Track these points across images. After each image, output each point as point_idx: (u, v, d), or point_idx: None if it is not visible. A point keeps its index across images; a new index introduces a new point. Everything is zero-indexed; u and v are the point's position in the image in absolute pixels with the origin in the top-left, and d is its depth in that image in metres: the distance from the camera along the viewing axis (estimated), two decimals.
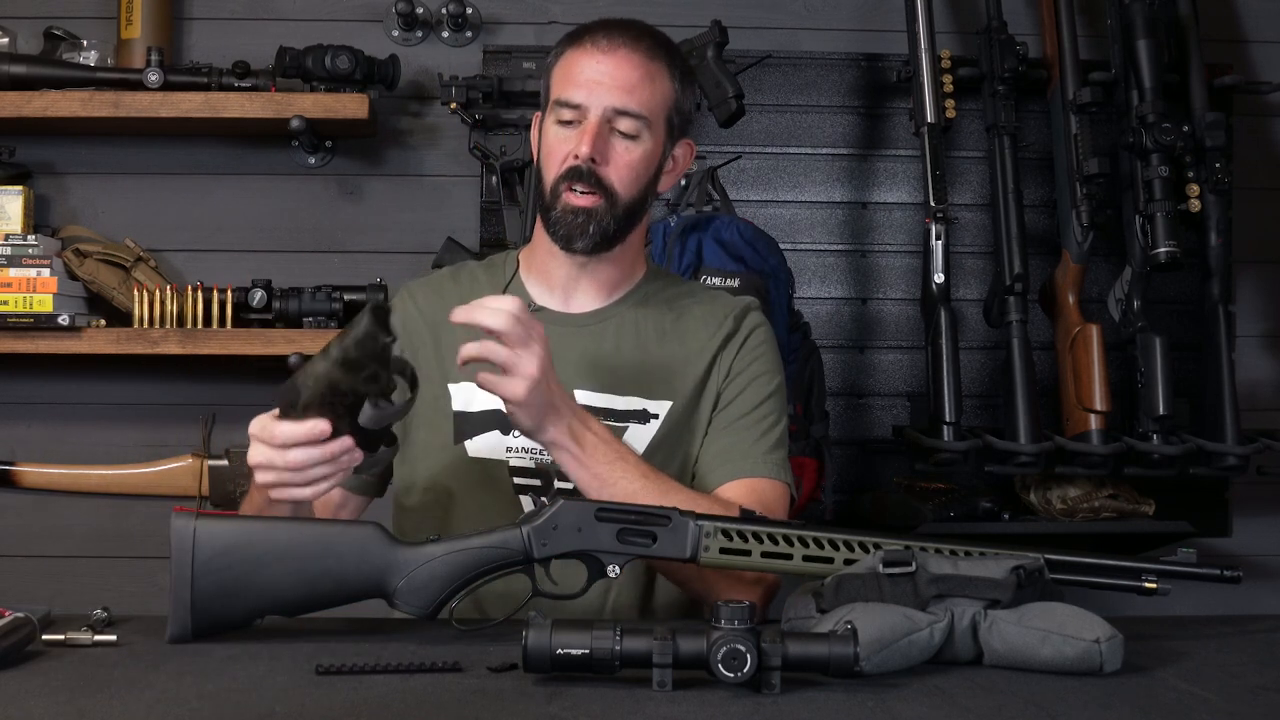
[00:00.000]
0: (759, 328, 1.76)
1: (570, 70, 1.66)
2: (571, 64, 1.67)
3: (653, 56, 1.68)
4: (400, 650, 1.28)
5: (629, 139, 1.65)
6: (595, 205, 1.64)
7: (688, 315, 1.73)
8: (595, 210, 1.64)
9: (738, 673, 1.12)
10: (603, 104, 1.63)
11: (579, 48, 1.68)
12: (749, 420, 1.68)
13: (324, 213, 2.72)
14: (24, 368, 2.63)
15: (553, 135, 1.67)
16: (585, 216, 1.64)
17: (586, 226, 1.64)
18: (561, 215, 1.65)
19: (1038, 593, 1.30)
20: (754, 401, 1.69)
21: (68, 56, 2.57)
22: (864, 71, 2.74)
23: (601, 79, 1.64)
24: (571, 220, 1.64)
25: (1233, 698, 1.18)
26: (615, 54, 1.65)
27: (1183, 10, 2.58)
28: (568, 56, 1.68)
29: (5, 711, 1.07)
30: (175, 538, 1.32)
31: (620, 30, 1.68)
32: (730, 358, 1.71)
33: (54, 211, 2.67)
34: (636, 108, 1.64)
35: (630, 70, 1.65)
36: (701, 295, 1.79)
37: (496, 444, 1.66)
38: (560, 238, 1.66)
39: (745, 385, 1.70)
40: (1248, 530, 2.74)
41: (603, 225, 1.65)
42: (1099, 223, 2.46)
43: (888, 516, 2.56)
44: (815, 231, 2.74)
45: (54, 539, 2.68)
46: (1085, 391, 2.43)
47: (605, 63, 1.65)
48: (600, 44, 1.66)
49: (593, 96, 1.63)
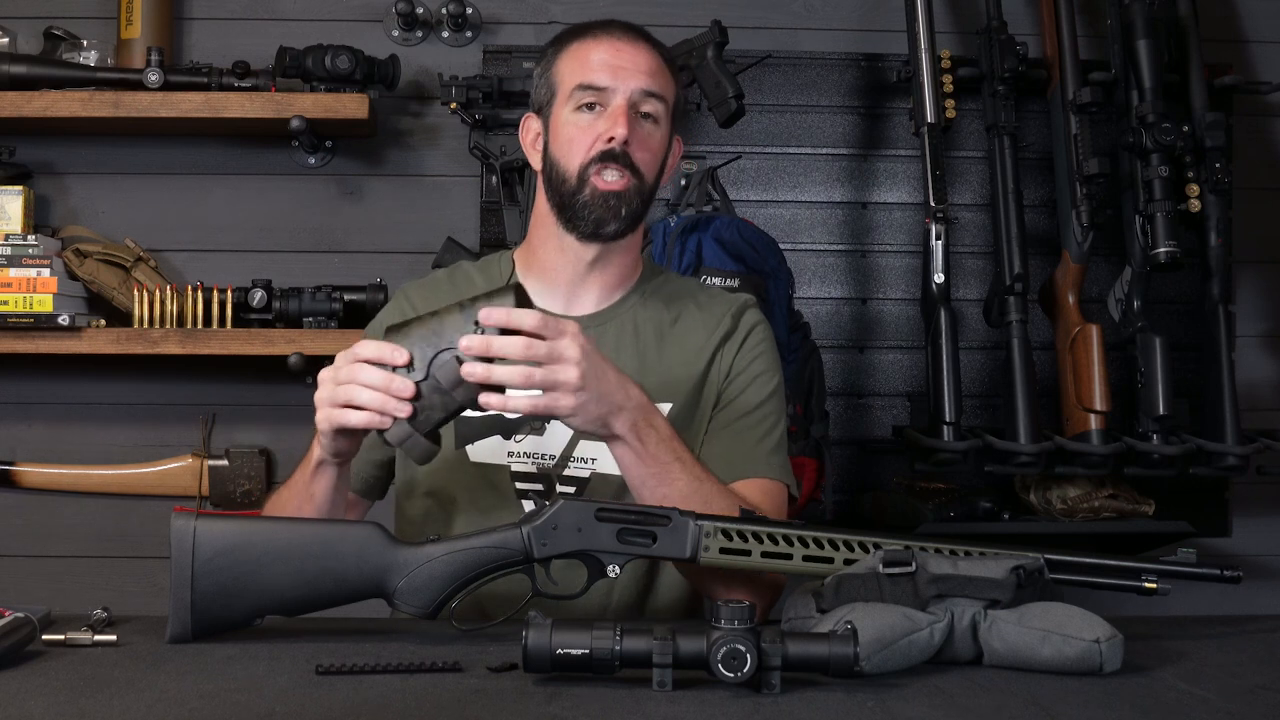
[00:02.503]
0: (758, 326, 1.75)
1: (587, 59, 1.66)
2: (587, 53, 1.67)
3: (659, 50, 1.71)
4: (400, 650, 1.28)
5: (652, 122, 1.66)
6: (626, 188, 1.64)
7: (685, 315, 1.73)
8: (626, 193, 1.64)
9: (738, 673, 1.12)
10: (630, 86, 1.64)
11: (589, 39, 1.68)
12: (750, 421, 1.68)
13: (324, 213, 2.72)
14: (24, 368, 2.63)
15: (573, 123, 1.66)
16: (617, 200, 1.63)
17: (619, 210, 1.64)
18: (591, 200, 1.64)
19: (1037, 593, 1.30)
20: (755, 401, 1.70)
21: (68, 56, 2.57)
22: (864, 71, 2.74)
23: (624, 63, 1.65)
24: (603, 204, 1.63)
25: (1232, 697, 1.18)
26: (630, 43, 1.67)
27: (1183, 10, 2.58)
28: (578, 49, 1.68)
29: (5, 711, 1.07)
30: (175, 538, 1.32)
31: (621, 24, 1.71)
32: (730, 357, 1.71)
33: (54, 211, 2.67)
34: (660, 90, 1.66)
35: (649, 57, 1.67)
36: (699, 294, 1.79)
37: (498, 448, 1.66)
38: (590, 222, 1.65)
39: (746, 385, 1.70)
40: (1247, 530, 2.74)
41: (632, 208, 1.65)
42: (1099, 223, 2.46)
43: (888, 516, 2.56)
44: (815, 231, 2.74)
45: (54, 539, 2.68)
46: (1085, 391, 2.43)
47: (625, 49, 1.66)
48: (614, 34, 1.68)
49: (618, 79, 1.64)
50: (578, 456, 1.66)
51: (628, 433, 1.45)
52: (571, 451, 1.66)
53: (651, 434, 1.48)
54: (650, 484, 1.48)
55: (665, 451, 1.48)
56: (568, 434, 1.66)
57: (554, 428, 1.65)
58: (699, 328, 1.72)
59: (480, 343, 1.35)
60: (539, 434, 1.66)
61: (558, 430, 1.65)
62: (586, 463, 1.66)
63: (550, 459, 1.66)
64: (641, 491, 1.49)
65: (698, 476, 1.51)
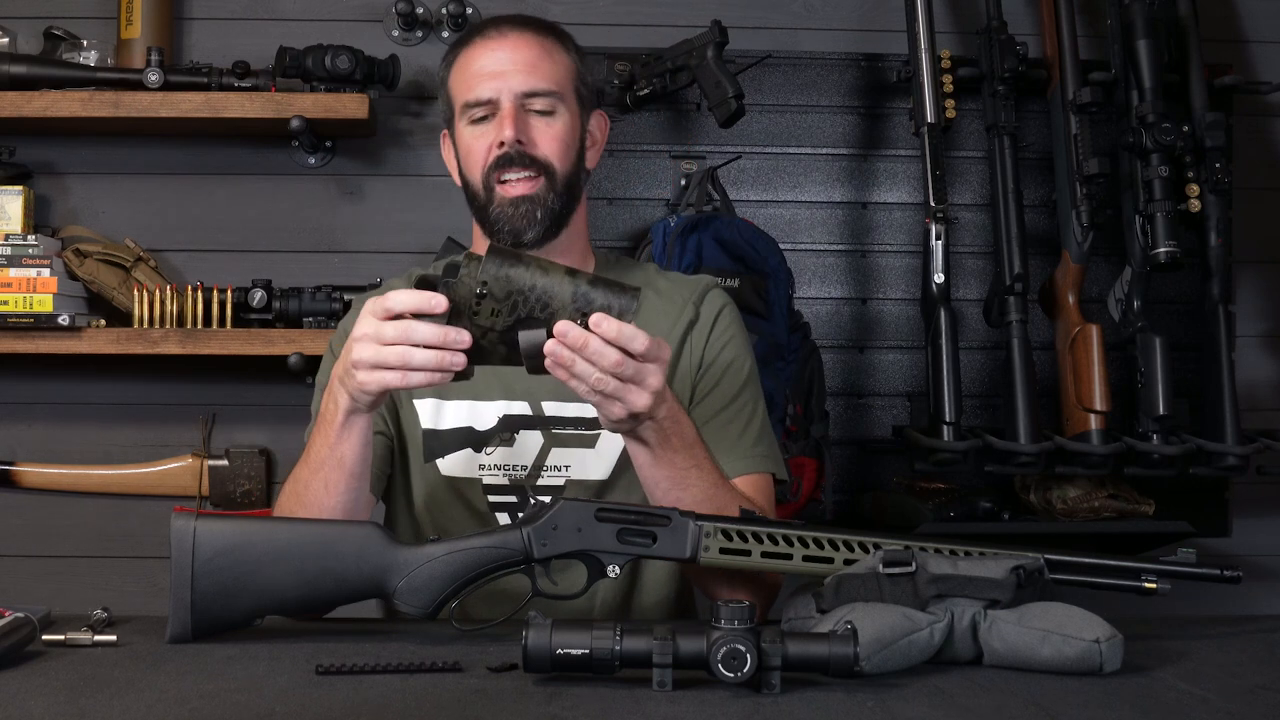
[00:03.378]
0: (724, 309, 1.72)
1: (467, 70, 1.65)
2: (467, 64, 1.65)
3: (542, 34, 1.67)
4: (400, 650, 1.28)
5: (546, 116, 1.63)
6: (536, 189, 1.61)
7: (646, 304, 1.65)
8: (537, 195, 1.61)
9: (738, 673, 1.12)
10: (512, 90, 1.62)
11: (469, 48, 1.66)
12: (729, 414, 1.66)
13: (324, 213, 2.72)
14: (24, 368, 2.63)
15: (468, 136, 1.64)
16: (529, 204, 1.61)
17: (534, 214, 1.61)
18: (501, 210, 1.61)
19: (1037, 593, 1.30)
20: (731, 393, 1.67)
21: (68, 56, 2.57)
22: (864, 71, 2.74)
23: (503, 67, 1.62)
24: (514, 212, 1.61)
25: (1232, 697, 1.18)
26: (507, 39, 1.64)
27: (1183, 10, 2.58)
28: (460, 60, 1.67)
29: (5, 711, 1.07)
30: (175, 538, 1.32)
31: (504, 20, 1.68)
32: (700, 348, 1.69)
33: (54, 211, 2.67)
34: (545, 85, 1.63)
35: (527, 50, 1.64)
36: (657, 280, 1.75)
37: (468, 462, 1.64)
38: (507, 234, 1.62)
39: (720, 376, 1.68)
40: (1247, 530, 2.74)
41: (549, 207, 1.62)
42: (1099, 223, 2.46)
43: (888, 516, 2.56)
44: (815, 231, 2.74)
45: (54, 539, 2.68)
46: (1085, 391, 2.43)
47: (501, 50, 1.63)
48: (490, 36, 1.65)
49: (500, 86, 1.62)
50: (550, 465, 1.65)
51: (652, 437, 1.43)
52: (544, 460, 1.65)
53: (676, 441, 1.45)
54: (664, 485, 1.47)
55: (686, 458, 1.46)
56: (539, 443, 1.65)
57: (524, 437, 1.64)
58: (660, 316, 1.68)
59: (579, 339, 1.30)
60: (509, 445, 1.64)
61: (528, 440, 1.64)
62: (561, 470, 1.65)
63: (522, 470, 1.64)
64: (655, 492, 1.48)
65: (715, 483, 1.49)
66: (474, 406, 1.65)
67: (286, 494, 1.52)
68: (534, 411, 1.66)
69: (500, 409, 1.65)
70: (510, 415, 1.65)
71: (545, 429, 1.65)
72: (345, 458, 1.45)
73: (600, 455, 1.65)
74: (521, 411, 1.65)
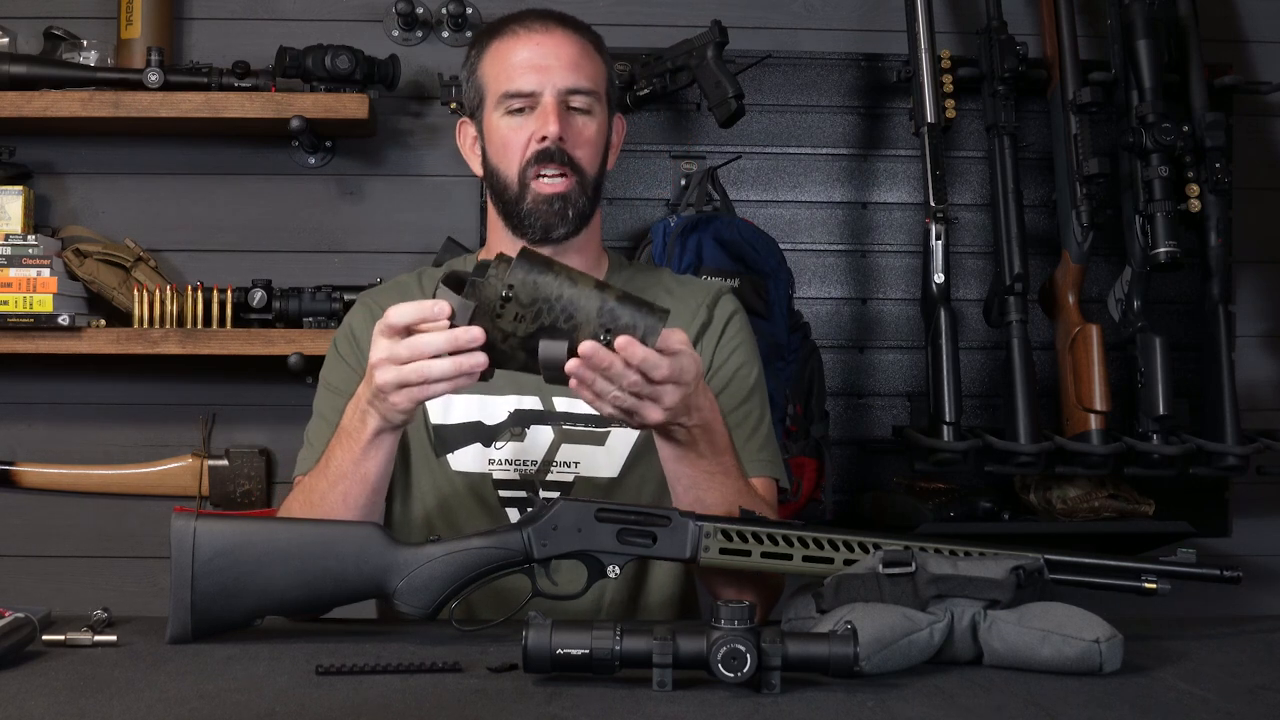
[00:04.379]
0: (734, 315, 1.73)
1: (508, 60, 1.63)
2: (507, 54, 1.64)
3: (582, 33, 1.67)
4: (400, 650, 1.28)
5: (584, 115, 1.63)
6: (569, 188, 1.61)
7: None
8: (570, 194, 1.62)
9: (738, 673, 1.12)
10: (556, 85, 1.61)
11: (508, 38, 1.65)
12: (736, 418, 1.66)
13: (324, 213, 2.72)
14: (24, 368, 2.63)
15: (504, 127, 1.63)
16: (562, 202, 1.61)
17: (565, 212, 1.62)
18: (534, 206, 1.62)
19: (1037, 593, 1.30)
20: (739, 397, 1.68)
21: (68, 56, 2.57)
22: (864, 71, 2.74)
23: (547, 61, 1.62)
24: (547, 209, 1.61)
25: (1232, 697, 1.18)
26: (552, 35, 1.64)
27: (1183, 10, 2.58)
28: (498, 49, 1.65)
29: (5, 711, 1.07)
30: (175, 538, 1.32)
31: (547, 14, 1.67)
32: (710, 351, 1.69)
33: (54, 211, 2.67)
34: (587, 84, 1.63)
35: (570, 47, 1.64)
36: (670, 283, 1.76)
37: (479, 456, 1.64)
38: (538, 229, 1.62)
39: (728, 380, 1.69)
40: (1247, 530, 2.74)
41: (579, 207, 1.63)
42: (1099, 223, 2.46)
43: (888, 516, 2.56)
44: (815, 231, 2.74)
45: (54, 539, 2.68)
46: (1085, 391, 2.43)
47: (546, 44, 1.63)
48: (534, 29, 1.64)
49: (544, 80, 1.61)
50: (560, 461, 1.65)
51: (680, 437, 1.43)
52: (554, 456, 1.65)
53: (705, 447, 1.45)
54: (684, 483, 1.47)
55: (712, 463, 1.46)
56: (549, 439, 1.65)
57: (534, 433, 1.64)
58: (673, 318, 1.70)
59: (603, 360, 1.29)
60: (520, 440, 1.64)
61: (539, 436, 1.65)
62: (570, 467, 1.65)
63: (532, 465, 1.64)
64: (675, 488, 1.48)
65: (738, 490, 1.49)
66: (484, 401, 1.65)
67: (298, 504, 1.52)
68: (545, 407, 1.66)
69: (511, 403, 1.65)
70: (521, 410, 1.65)
71: (556, 424, 1.65)
72: (370, 474, 1.46)
73: (610, 452, 1.66)
74: (532, 406, 1.66)
